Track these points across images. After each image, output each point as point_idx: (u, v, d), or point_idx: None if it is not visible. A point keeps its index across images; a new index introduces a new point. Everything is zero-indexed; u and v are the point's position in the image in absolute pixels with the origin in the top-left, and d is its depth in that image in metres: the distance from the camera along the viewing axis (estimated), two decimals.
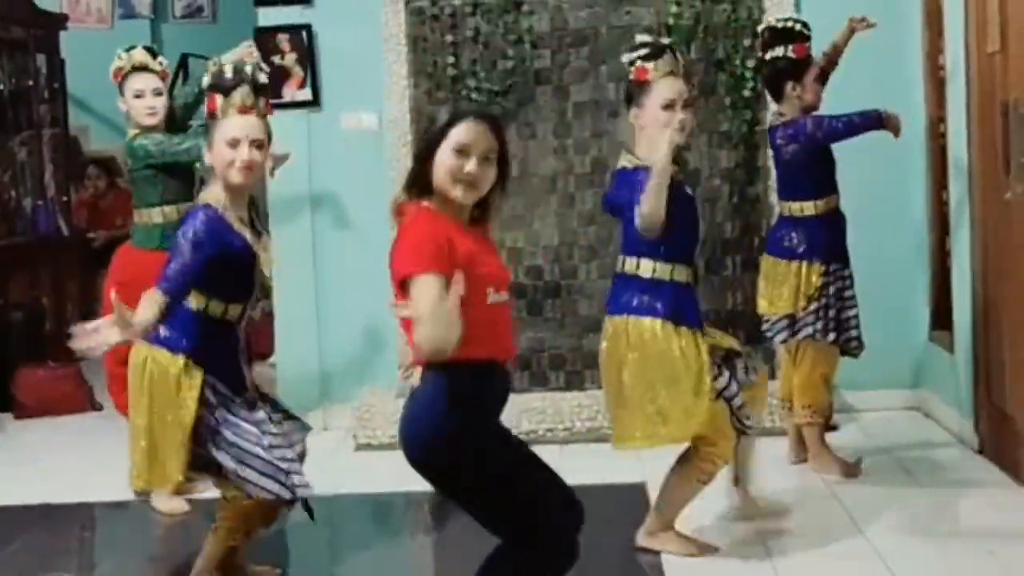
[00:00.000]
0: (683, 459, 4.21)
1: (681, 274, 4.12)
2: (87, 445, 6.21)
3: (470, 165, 3.12)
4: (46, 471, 5.79)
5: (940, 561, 4.10)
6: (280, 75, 6.12)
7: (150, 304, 3.56)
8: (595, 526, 4.32)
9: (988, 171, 5.03)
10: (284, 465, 3.77)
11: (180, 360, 3.79)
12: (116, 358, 5.05)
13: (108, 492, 5.32)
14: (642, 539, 4.30)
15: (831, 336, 5.03)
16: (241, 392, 3.87)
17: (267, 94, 3.90)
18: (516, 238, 6.14)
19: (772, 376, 5.89)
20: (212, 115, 3.82)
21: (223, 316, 3.83)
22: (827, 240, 5.03)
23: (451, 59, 6.13)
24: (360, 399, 5.94)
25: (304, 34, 6.16)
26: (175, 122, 5.29)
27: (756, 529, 4.43)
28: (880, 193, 5.93)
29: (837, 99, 5.13)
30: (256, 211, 3.97)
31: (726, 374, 4.15)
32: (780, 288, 5.05)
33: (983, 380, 5.18)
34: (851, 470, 5.03)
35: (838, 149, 5.04)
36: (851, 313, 5.09)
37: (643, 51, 4.16)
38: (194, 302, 3.78)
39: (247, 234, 3.84)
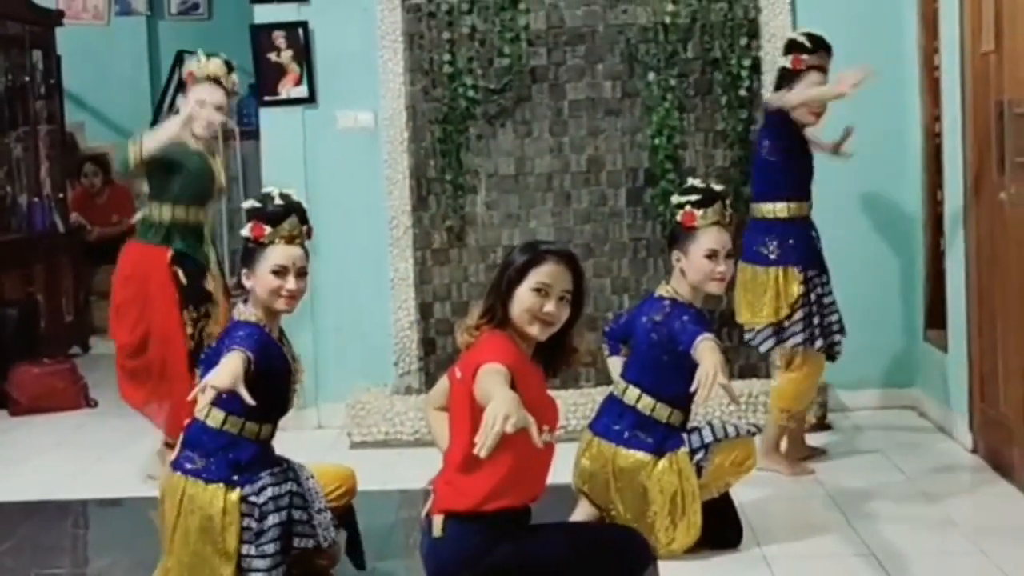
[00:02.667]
0: None
1: (676, 418, 4.16)
2: (81, 442, 6.21)
3: (549, 305, 3.29)
4: (40, 468, 5.78)
5: (933, 560, 4.10)
6: (276, 72, 6.12)
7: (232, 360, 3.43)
8: None
9: (983, 171, 5.03)
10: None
11: (221, 492, 3.66)
12: (125, 352, 5.05)
13: (102, 489, 5.34)
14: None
15: (819, 343, 5.05)
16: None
17: (308, 222, 3.84)
18: (512, 236, 6.13)
19: (767, 375, 5.94)
20: (257, 241, 3.74)
21: (257, 437, 3.75)
22: (802, 246, 5.04)
23: (447, 56, 6.13)
24: (354, 397, 5.94)
25: (300, 31, 6.15)
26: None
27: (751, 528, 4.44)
28: (875, 193, 5.95)
29: None
30: (283, 334, 3.90)
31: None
32: (761, 297, 5.04)
33: (977, 379, 5.18)
34: (798, 469, 5.05)
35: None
36: (833, 319, 5.11)
37: (694, 197, 4.20)
38: (230, 427, 3.69)
39: (287, 352, 3.83)
